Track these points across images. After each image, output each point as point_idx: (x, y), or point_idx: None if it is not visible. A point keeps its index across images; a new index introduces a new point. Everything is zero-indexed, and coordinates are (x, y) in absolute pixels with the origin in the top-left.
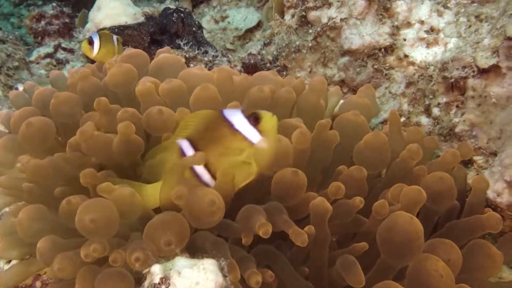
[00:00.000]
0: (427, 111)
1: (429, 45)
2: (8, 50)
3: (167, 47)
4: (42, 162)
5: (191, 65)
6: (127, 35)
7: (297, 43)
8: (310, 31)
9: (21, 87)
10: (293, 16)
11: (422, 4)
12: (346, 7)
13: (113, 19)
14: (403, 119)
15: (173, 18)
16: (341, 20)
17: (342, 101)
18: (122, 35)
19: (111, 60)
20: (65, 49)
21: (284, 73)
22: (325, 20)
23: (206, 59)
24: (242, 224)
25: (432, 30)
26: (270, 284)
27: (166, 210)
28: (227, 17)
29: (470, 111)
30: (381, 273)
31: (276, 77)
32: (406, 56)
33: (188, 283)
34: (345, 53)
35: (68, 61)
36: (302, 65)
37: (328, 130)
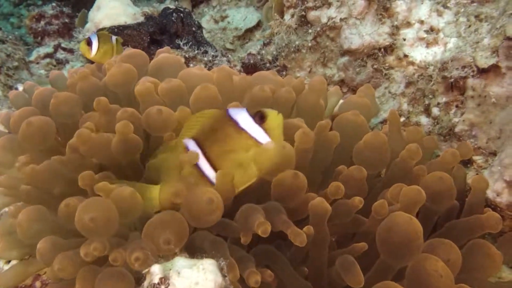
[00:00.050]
0: (427, 111)
1: (428, 45)
2: (8, 50)
3: (167, 47)
4: (39, 168)
5: (191, 65)
6: (126, 35)
7: (296, 43)
8: (310, 31)
9: (21, 87)
10: (292, 16)
11: (422, 4)
12: (345, 7)
13: (113, 19)
14: (402, 119)
15: (173, 18)
16: (341, 20)
17: (341, 101)
18: (121, 35)
19: (110, 60)
20: (65, 49)
21: (284, 73)
22: (324, 20)
23: (205, 59)
24: (241, 223)
25: (432, 30)
26: (269, 284)
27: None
28: (226, 17)
29: (469, 111)
30: (381, 273)
31: (275, 77)
32: (405, 56)
33: (188, 283)
34: (344, 53)
35: (68, 61)
36: (302, 65)
37: (328, 130)
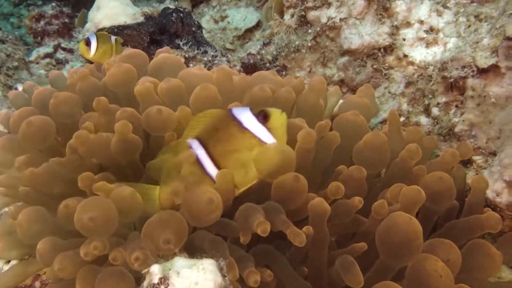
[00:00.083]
0: (427, 111)
1: (428, 45)
2: (7, 50)
3: (167, 47)
4: (38, 170)
5: (191, 65)
6: (126, 35)
7: (296, 43)
8: (310, 31)
9: (21, 87)
10: (292, 16)
11: (422, 4)
12: (345, 7)
13: (113, 19)
14: (402, 119)
15: (173, 18)
16: (341, 20)
17: (341, 101)
18: (121, 35)
19: (110, 60)
20: (64, 49)
21: (284, 73)
22: (324, 20)
23: (205, 59)
24: (240, 222)
25: (432, 30)
26: (268, 284)
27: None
28: (226, 17)
29: (469, 111)
30: (380, 273)
31: (275, 76)
32: (405, 56)
33: (187, 283)
34: (344, 53)
35: (67, 61)
36: (302, 65)
37: (328, 131)
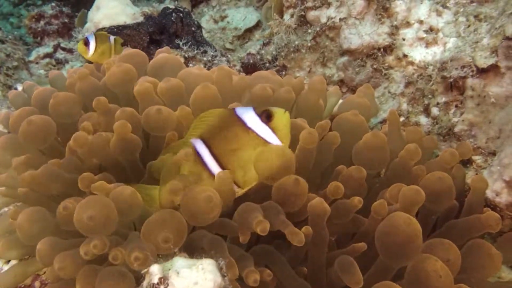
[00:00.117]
0: (426, 111)
1: (428, 44)
2: (7, 50)
3: (166, 47)
4: (36, 173)
5: (190, 65)
6: (126, 35)
7: (296, 43)
8: (309, 31)
9: (20, 87)
10: (292, 16)
11: (421, 4)
12: (345, 7)
13: (112, 19)
14: (402, 118)
15: (172, 18)
16: (340, 20)
17: (341, 100)
18: (121, 35)
19: (109, 60)
20: (64, 49)
21: (283, 72)
22: (324, 20)
23: (205, 59)
24: (239, 222)
25: (431, 29)
26: (268, 284)
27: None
28: (226, 17)
29: (469, 110)
30: (380, 273)
31: (274, 76)
32: (405, 56)
33: (187, 283)
34: (344, 53)
35: (67, 61)
36: (301, 65)
37: (327, 131)
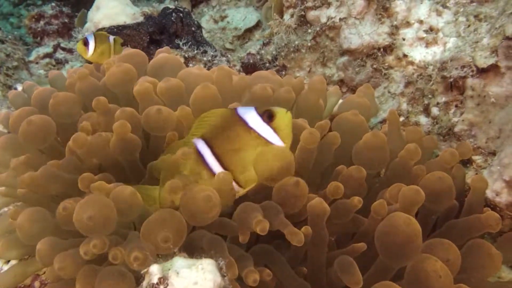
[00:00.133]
0: (426, 111)
1: (428, 44)
2: (7, 50)
3: (166, 47)
4: (36, 174)
5: (190, 65)
6: (126, 35)
7: (296, 42)
8: (309, 30)
9: (20, 87)
10: (292, 16)
11: (421, 3)
12: (345, 6)
13: (112, 19)
14: (402, 118)
15: (172, 18)
16: (340, 19)
17: (341, 100)
18: (121, 35)
19: (109, 60)
20: (64, 49)
21: (283, 72)
22: (324, 20)
23: (205, 59)
24: (239, 221)
25: (431, 29)
26: (268, 283)
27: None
28: (226, 17)
29: (469, 110)
30: (380, 273)
31: (274, 76)
32: (405, 55)
33: (186, 283)
34: (344, 52)
35: (67, 61)
36: (301, 65)
37: (327, 131)
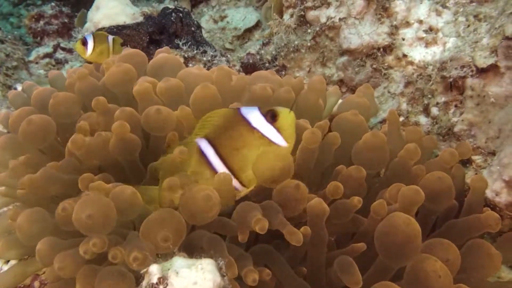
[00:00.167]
0: (426, 111)
1: (427, 44)
2: (7, 50)
3: (166, 47)
4: (35, 177)
5: (190, 65)
6: (125, 35)
7: (296, 42)
8: (309, 30)
9: (20, 87)
10: (292, 16)
11: (421, 3)
12: (344, 6)
13: (112, 19)
14: (402, 118)
15: (172, 18)
16: (340, 19)
17: (340, 100)
18: (120, 35)
19: (108, 60)
20: (64, 49)
21: (283, 72)
22: (324, 20)
23: (205, 59)
24: (238, 220)
25: (431, 29)
26: (267, 283)
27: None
28: (226, 17)
29: (468, 110)
30: (379, 273)
31: (274, 76)
32: (404, 55)
33: (186, 283)
34: (344, 52)
35: (67, 61)
36: (301, 65)
37: (326, 131)
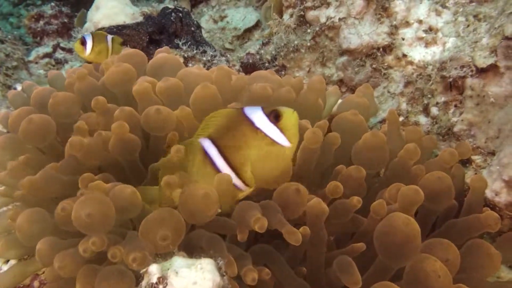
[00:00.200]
0: (426, 111)
1: (427, 44)
2: (7, 50)
3: (166, 47)
4: (35, 178)
5: (190, 64)
6: (125, 35)
7: (295, 42)
8: (309, 30)
9: (20, 86)
10: (291, 16)
11: (421, 3)
12: (344, 6)
13: (112, 19)
14: (401, 118)
15: (172, 18)
16: (340, 19)
17: (340, 100)
18: (120, 34)
19: (108, 60)
20: (63, 49)
21: (283, 72)
22: (323, 20)
23: (204, 58)
24: (237, 220)
25: (431, 29)
26: (267, 283)
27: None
28: (225, 16)
29: (468, 110)
30: (379, 273)
31: (274, 76)
32: (404, 55)
33: (186, 282)
34: (343, 52)
35: (66, 60)
36: (301, 65)
37: (326, 131)
